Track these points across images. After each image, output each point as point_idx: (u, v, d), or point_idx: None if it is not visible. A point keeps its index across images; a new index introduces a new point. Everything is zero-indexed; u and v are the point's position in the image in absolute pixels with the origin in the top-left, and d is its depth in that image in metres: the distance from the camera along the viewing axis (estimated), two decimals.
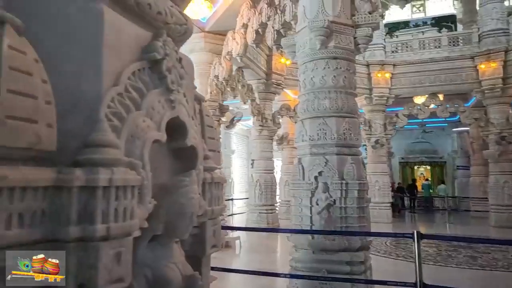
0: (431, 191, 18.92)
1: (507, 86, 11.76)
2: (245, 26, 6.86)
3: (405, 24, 20.52)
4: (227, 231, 8.00)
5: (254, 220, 11.27)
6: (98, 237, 1.10)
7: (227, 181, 15.98)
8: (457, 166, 19.92)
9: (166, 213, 1.43)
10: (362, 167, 4.57)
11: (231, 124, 9.68)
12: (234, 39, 7.20)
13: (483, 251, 7.85)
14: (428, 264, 6.96)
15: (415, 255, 3.49)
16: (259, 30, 6.43)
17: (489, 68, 11.90)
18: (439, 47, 13.12)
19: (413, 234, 3.55)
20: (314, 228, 4.24)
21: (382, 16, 6.81)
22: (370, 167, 13.58)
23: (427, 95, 13.08)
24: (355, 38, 4.88)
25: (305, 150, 4.63)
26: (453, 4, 18.85)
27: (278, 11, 5.91)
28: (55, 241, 1.08)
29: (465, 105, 13.37)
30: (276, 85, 11.70)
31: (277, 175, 13.27)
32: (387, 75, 13.11)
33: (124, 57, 1.34)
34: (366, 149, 13.91)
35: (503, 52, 11.70)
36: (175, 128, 1.50)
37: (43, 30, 1.26)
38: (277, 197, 13.34)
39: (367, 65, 13.23)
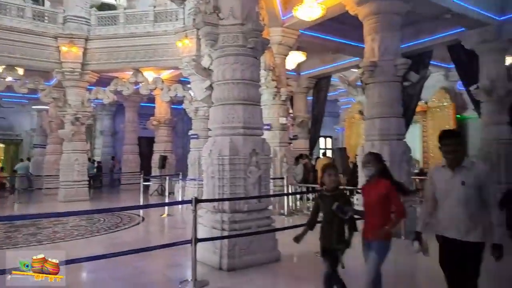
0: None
1: (85, 72, 12.76)
2: None
3: None
4: None
5: None
6: None
7: None
8: (34, 144, 19.57)
9: None
10: None
11: None
12: None
13: (45, 227, 8.08)
14: None
15: None
16: None
17: (71, 52, 12.44)
18: (22, 17, 12.25)
19: None
20: None
21: None
22: None
23: (4, 66, 11.92)
24: None
25: None
26: None
27: None
28: None
29: (47, 83, 13.34)
30: None
31: None
32: None
33: None
34: None
35: (84, 40, 12.58)
36: None
37: None
38: None
39: None
